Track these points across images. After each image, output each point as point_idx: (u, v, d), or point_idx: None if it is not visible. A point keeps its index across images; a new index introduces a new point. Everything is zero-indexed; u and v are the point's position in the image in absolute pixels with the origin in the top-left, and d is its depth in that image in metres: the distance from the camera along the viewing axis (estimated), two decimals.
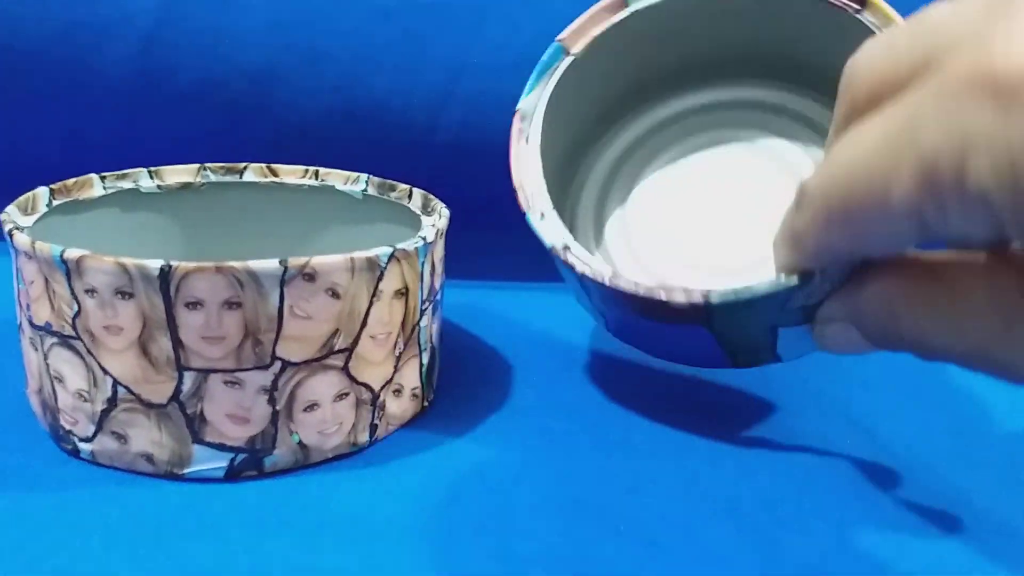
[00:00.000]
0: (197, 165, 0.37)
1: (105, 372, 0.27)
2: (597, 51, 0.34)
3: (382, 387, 0.30)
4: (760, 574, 0.26)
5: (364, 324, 0.29)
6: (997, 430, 0.36)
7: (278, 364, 0.27)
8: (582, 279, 0.30)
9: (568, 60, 0.34)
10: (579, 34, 0.34)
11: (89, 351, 0.27)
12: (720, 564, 0.26)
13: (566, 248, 0.31)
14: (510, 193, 0.32)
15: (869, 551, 0.27)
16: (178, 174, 0.37)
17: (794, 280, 0.24)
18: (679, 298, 0.27)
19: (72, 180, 0.34)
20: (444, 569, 0.25)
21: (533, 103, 0.33)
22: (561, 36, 0.34)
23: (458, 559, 0.25)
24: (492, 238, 0.45)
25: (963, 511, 0.30)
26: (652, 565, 0.26)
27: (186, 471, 0.28)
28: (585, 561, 0.26)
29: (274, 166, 0.38)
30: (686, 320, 0.28)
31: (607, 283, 0.29)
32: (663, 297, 0.27)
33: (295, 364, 0.28)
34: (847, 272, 0.24)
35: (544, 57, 0.34)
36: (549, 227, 0.31)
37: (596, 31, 0.34)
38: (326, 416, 0.29)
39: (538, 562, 0.25)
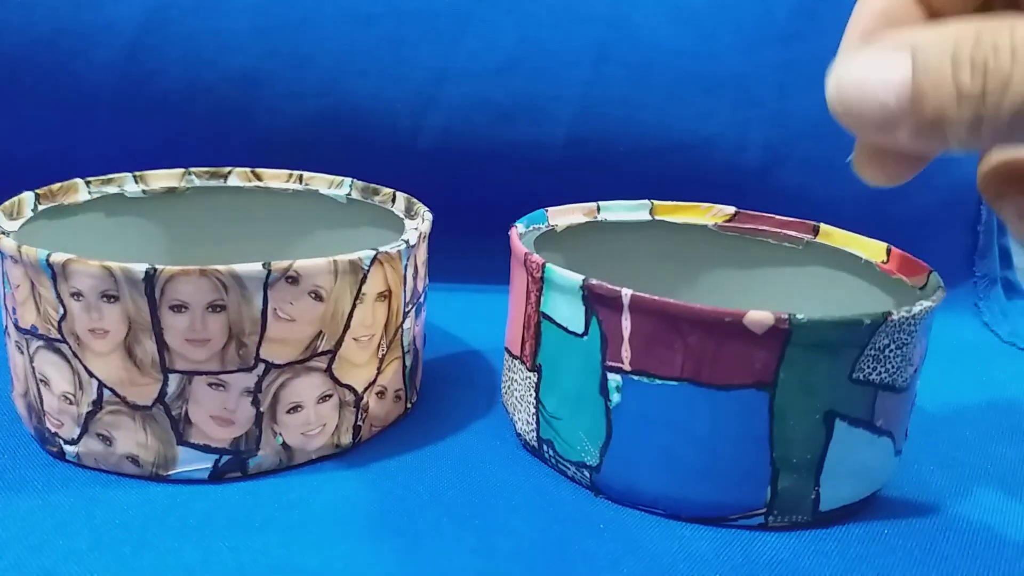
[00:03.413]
0: (182, 169, 0.38)
1: (91, 375, 0.27)
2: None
3: (365, 389, 0.31)
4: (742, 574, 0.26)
5: (347, 326, 0.29)
6: (968, 430, 0.37)
7: (262, 366, 0.28)
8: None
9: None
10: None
11: (75, 354, 0.27)
12: (701, 564, 0.26)
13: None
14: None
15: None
16: (163, 178, 0.37)
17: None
18: (759, 317, 0.25)
19: (57, 185, 0.34)
20: (426, 563, 0.25)
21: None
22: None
23: (440, 555, 0.26)
24: (475, 241, 0.46)
25: (943, 513, 0.30)
26: (632, 561, 0.26)
27: (171, 472, 0.28)
28: (564, 557, 0.26)
29: (258, 170, 0.39)
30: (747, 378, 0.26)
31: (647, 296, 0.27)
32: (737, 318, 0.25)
33: (279, 366, 0.28)
34: None
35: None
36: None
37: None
38: (310, 417, 0.29)
39: (519, 558, 0.26)
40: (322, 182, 0.39)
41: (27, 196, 0.32)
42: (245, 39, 0.45)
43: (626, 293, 0.27)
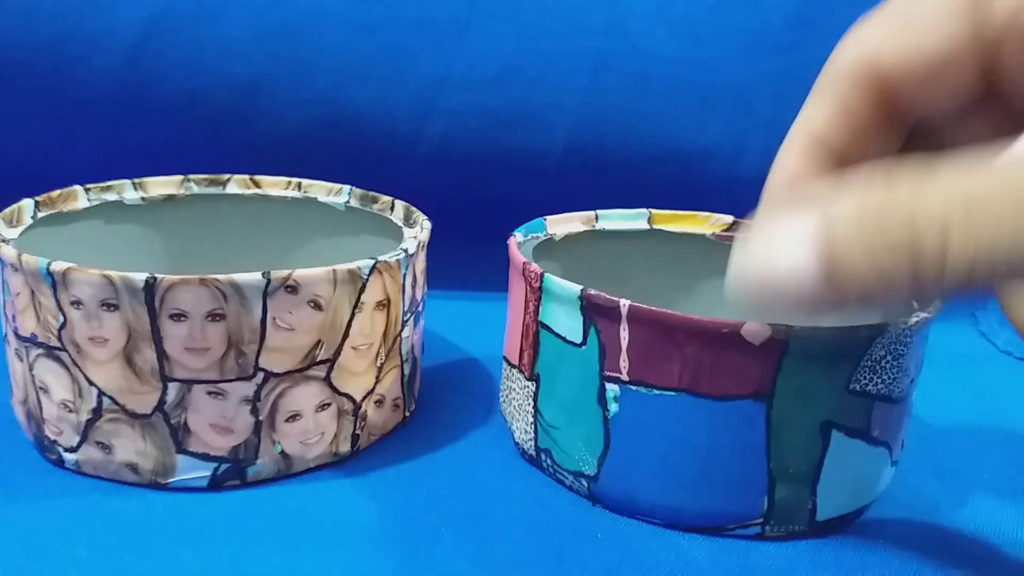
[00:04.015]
0: (181, 177, 0.38)
1: (90, 383, 0.27)
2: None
3: (364, 397, 0.31)
4: None
5: (346, 335, 0.29)
6: (964, 440, 0.37)
7: (261, 375, 0.28)
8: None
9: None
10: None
11: (74, 362, 0.27)
12: (698, 573, 0.26)
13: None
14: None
15: None
16: (162, 186, 0.37)
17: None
18: (756, 328, 0.25)
19: (57, 192, 0.34)
20: (424, 572, 0.25)
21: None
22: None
23: (437, 563, 0.26)
24: (474, 249, 0.46)
25: (941, 522, 0.30)
26: (629, 570, 0.26)
27: (170, 480, 0.28)
28: (562, 566, 0.26)
29: (257, 178, 0.39)
30: (744, 391, 0.26)
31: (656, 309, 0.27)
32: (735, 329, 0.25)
33: (278, 375, 0.28)
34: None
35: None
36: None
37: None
38: (308, 426, 0.29)
39: (516, 566, 0.26)
40: (321, 190, 0.39)
41: (27, 203, 0.33)
42: (246, 46, 0.45)
43: (624, 304, 0.27)
